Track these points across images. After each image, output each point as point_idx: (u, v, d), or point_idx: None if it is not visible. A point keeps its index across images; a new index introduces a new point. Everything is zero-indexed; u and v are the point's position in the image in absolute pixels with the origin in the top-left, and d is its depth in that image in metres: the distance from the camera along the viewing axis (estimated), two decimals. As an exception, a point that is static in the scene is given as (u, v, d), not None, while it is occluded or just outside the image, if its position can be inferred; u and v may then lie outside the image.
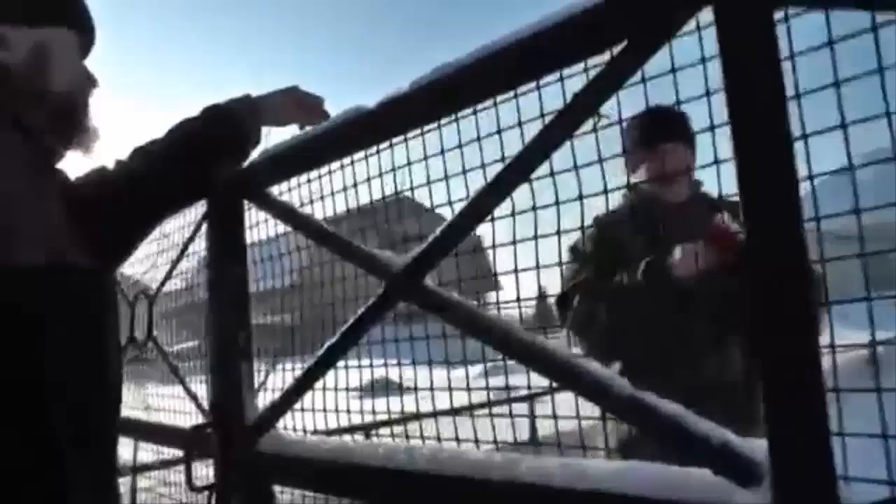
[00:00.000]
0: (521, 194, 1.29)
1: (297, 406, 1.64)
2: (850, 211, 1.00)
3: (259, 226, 1.86)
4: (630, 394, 1.14)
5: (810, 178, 0.99)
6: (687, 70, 1.16)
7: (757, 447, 1.01)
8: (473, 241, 1.50)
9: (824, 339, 0.96)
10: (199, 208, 2.08)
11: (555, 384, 1.25)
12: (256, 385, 1.79)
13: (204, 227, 2.02)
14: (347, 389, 1.66)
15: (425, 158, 1.45)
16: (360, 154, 1.58)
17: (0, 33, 1.40)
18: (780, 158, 0.97)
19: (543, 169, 1.27)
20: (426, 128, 1.44)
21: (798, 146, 0.97)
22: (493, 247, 1.37)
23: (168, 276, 2.27)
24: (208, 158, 1.67)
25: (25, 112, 1.42)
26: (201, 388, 2.23)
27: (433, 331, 1.53)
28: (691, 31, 1.10)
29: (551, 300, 2.18)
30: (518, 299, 1.41)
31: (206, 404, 2.10)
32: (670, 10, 1.08)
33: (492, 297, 1.81)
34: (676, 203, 2.11)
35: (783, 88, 0.99)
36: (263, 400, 1.78)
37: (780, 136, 0.98)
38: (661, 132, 2.05)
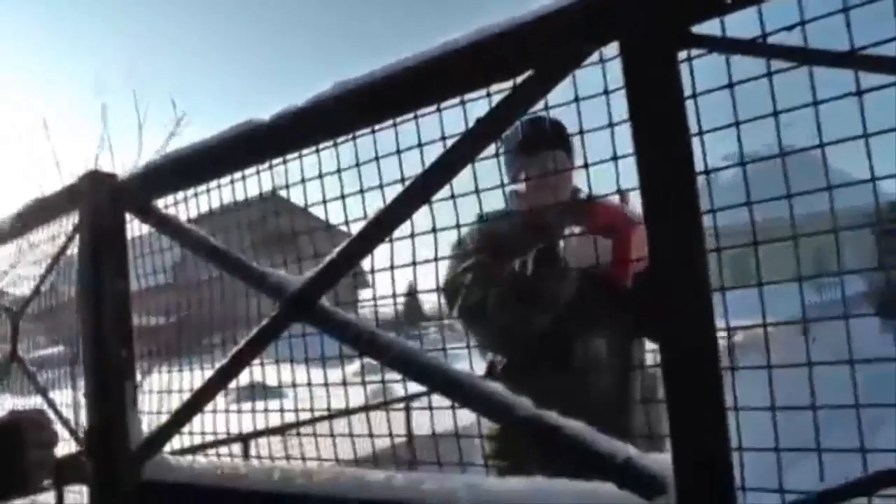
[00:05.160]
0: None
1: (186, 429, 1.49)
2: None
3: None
4: (533, 413, 1.09)
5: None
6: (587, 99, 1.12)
7: (659, 462, 1.00)
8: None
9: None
10: (71, 218, 1.86)
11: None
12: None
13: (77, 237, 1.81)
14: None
15: (320, 176, 1.34)
16: (252, 169, 1.45)
17: None
18: (683, 187, 0.96)
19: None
20: (322, 145, 1.33)
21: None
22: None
23: (36, 293, 2.02)
24: None
25: None
26: (62, 398, 2.00)
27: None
28: (595, 63, 1.06)
29: (422, 296, 2.11)
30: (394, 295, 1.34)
31: (73, 422, 1.88)
32: (578, 43, 1.03)
33: (364, 293, 1.72)
34: (558, 205, 2.08)
35: (685, 122, 0.97)
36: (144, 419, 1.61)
37: (683, 168, 0.96)
38: (539, 140, 2.02)
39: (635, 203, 2.03)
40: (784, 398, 0.98)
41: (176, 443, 1.57)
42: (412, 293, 1.93)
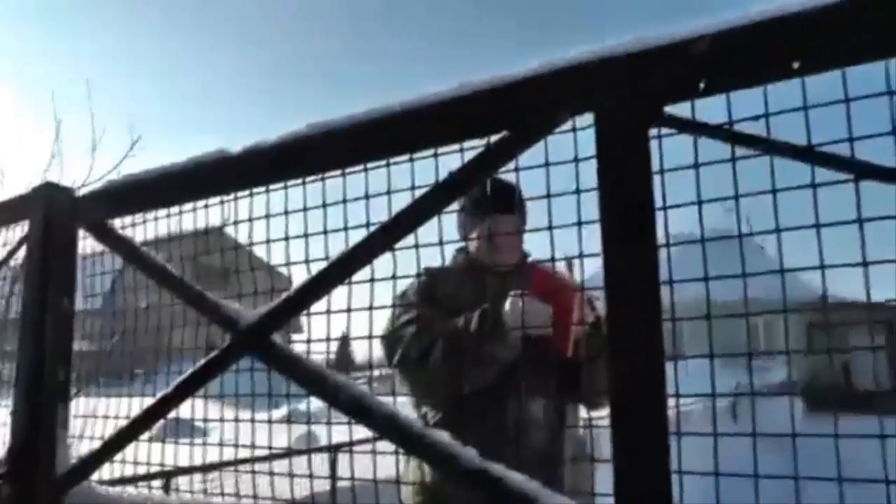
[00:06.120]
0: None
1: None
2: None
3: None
4: (479, 466, 1.08)
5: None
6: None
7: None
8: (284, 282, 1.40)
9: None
10: (16, 229, 1.80)
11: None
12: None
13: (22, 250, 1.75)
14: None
15: (286, 213, 1.33)
16: (215, 200, 1.43)
17: None
18: (644, 259, 0.98)
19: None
20: (289, 183, 1.33)
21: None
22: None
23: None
24: None
25: None
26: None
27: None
28: (566, 131, 1.09)
29: (354, 345, 2.09)
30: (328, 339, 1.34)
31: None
32: (554, 110, 1.05)
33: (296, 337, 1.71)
34: (505, 268, 2.10)
35: (651, 195, 0.99)
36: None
37: (645, 239, 0.98)
38: (493, 203, 2.04)
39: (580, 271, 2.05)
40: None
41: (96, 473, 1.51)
42: (345, 339, 1.90)
